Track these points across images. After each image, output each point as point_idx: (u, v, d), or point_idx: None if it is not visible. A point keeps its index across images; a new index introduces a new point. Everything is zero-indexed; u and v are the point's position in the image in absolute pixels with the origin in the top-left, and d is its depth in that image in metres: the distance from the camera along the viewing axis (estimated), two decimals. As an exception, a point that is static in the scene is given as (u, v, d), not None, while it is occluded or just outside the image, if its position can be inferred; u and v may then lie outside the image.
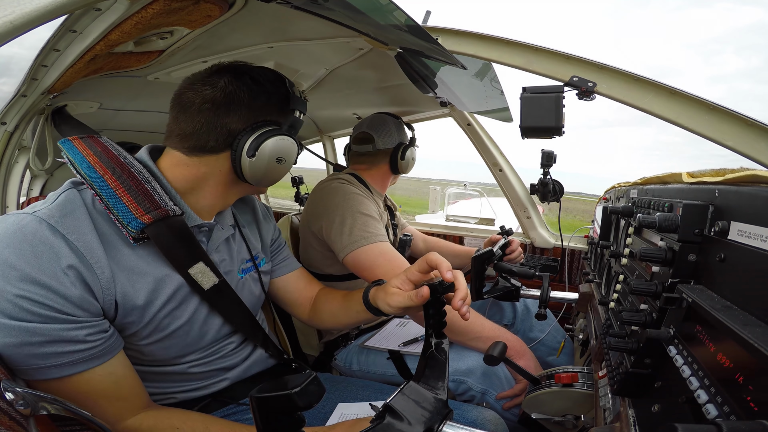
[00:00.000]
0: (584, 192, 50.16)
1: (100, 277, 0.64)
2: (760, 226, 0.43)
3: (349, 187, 1.36)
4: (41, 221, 0.61)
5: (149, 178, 0.72)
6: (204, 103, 0.72)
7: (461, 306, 0.71)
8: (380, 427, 0.56)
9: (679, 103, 0.70)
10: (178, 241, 0.73)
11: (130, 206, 0.67)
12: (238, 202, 0.99)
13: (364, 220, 1.27)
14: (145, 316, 0.71)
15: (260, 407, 0.44)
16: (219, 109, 0.72)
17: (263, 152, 0.73)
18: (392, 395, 0.59)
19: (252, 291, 0.94)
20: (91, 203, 0.68)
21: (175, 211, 0.72)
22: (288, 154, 0.76)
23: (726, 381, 0.40)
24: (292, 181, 2.84)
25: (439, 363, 0.73)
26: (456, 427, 0.62)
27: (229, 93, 0.72)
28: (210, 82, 0.73)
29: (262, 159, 0.73)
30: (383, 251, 1.25)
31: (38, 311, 0.59)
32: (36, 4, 0.51)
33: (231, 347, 0.90)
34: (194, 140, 0.74)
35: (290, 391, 0.43)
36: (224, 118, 0.73)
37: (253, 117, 0.74)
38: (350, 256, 1.25)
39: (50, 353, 0.60)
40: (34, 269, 0.58)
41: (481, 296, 1.26)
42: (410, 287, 0.79)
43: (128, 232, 0.67)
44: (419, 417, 0.58)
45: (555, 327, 1.47)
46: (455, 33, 0.90)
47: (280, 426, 0.44)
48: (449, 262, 0.75)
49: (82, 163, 0.69)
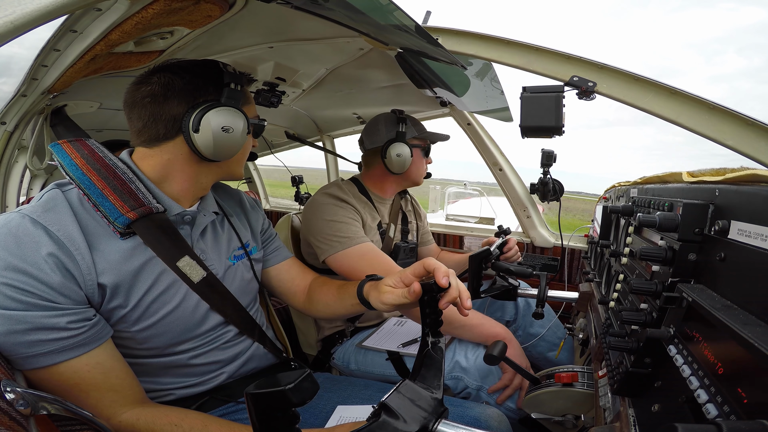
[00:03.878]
0: (584, 191, 50.14)
1: (81, 264, 0.69)
2: (760, 225, 0.43)
3: (326, 198, 1.39)
4: (24, 216, 0.67)
5: (133, 178, 0.77)
6: (144, 98, 0.78)
7: (446, 307, 0.76)
8: (376, 425, 0.57)
9: (679, 102, 0.71)
10: (164, 236, 0.78)
11: (116, 204, 0.73)
12: (224, 193, 1.05)
13: (334, 226, 1.31)
14: (131, 299, 0.75)
15: (255, 403, 0.44)
16: (158, 99, 0.78)
17: (206, 124, 0.78)
18: (388, 393, 0.60)
19: (244, 278, 0.97)
20: (78, 202, 0.74)
21: (158, 209, 0.78)
22: (233, 123, 0.80)
23: (726, 381, 0.40)
24: (292, 181, 2.84)
25: (435, 362, 0.73)
26: (457, 427, 0.62)
27: (164, 84, 0.78)
28: (147, 80, 0.79)
29: (207, 130, 0.78)
30: (363, 253, 1.28)
31: (21, 298, 0.63)
32: (37, 4, 0.51)
33: (227, 338, 0.92)
34: (147, 133, 0.80)
35: (284, 388, 0.44)
36: (165, 106, 0.78)
37: (191, 99, 0.79)
38: (330, 262, 1.30)
39: (34, 341, 0.63)
40: (16, 258, 0.63)
41: (479, 295, 1.27)
42: (403, 287, 0.82)
43: (115, 228, 0.73)
44: (415, 415, 0.59)
45: (555, 323, 1.47)
46: (455, 33, 0.90)
47: (275, 422, 0.45)
48: (448, 269, 0.77)
49: (70, 165, 0.75)
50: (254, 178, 3.25)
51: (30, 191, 1.81)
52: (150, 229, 0.76)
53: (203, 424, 0.73)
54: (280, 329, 1.31)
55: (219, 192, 1.03)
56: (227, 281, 0.91)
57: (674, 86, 0.70)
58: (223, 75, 0.83)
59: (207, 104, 0.79)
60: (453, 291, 0.75)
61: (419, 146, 1.53)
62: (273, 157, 2.70)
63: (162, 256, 0.78)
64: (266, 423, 0.45)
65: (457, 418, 0.92)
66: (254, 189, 3.27)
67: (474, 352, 1.22)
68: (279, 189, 7.16)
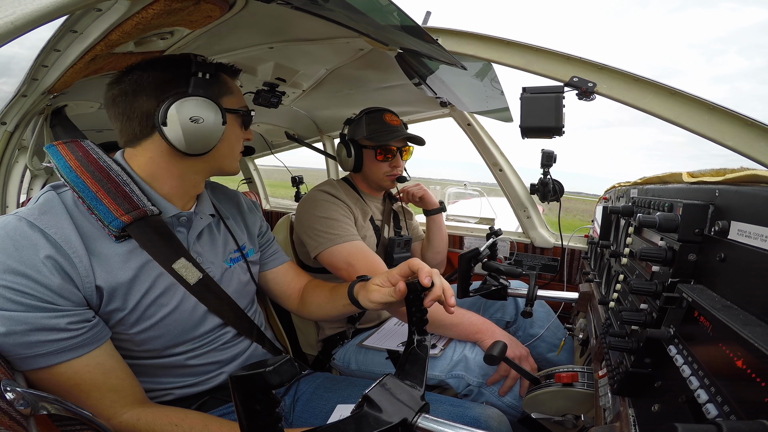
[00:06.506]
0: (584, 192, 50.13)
1: (78, 267, 0.69)
2: (760, 225, 0.43)
3: (319, 194, 1.40)
4: (21, 219, 0.67)
5: (127, 180, 0.77)
6: (116, 97, 0.79)
7: (431, 305, 0.80)
8: (358, 415, 0.60)
9: (679, 103, 0.70)
10: (159, 238, 0.78)
11: (110, 207, 0.73)
12: (222, 195, 1.04)
13: (326, 222, 1.32)
14: (129, 302, 0.75)
15: (237, 385, 0.46)
16: (128, 97, 0.78)
17: (172, 116, 0.76)
18: (371, 386, 0.63)
19: (241, 280, 0.97)
20: (73, 204, 0.74)
21: (153, 211, 0.78)
22: (201, 113, 0.77)
23: (726, 381, 0.40)
24: (292, 181, 2.85)
25: (419, 359, 0.76)
26: (438, 421, 0.63)
27: (134, 81, 0.78)
28: (120, 80, 0.80)
29: (174, 123, 0.76)
30: (352, 251, 1.29)
31: (21, 300, 0.63)
32: (37, 5, 0.51)
33: (225, 339, 0.92)
34: (126, 132, 0.80)
35: (264, 370, 0.46)
36: (135, 103, 0.78)
37: (159, 93, 0.78)
38: (321, 258, 1.32)
39: (35, 342, 0.64)
40: (15, 261, 0.63)
41: (468, 294, 1.28)
42: (390, 286, 0.84)
43: (110, 231, 0.73)
44: (396, 408, 0.61)
45: (555, 324, 1.47)
46: (455, 33, 0.90)
47: (256, 404, 0.47)
48: (431, 268, 0.80)
49: (65, 167, 0.75)
50: (254, 179, 3.25)
51: (30, 191, 1.81)
52: (145, 232, 0.76)
53: (203, 424, 0.73)
54: (280, 329, 1.31)
55: (216, 193, 1.03)
56: (224, 283, 0.91)
57: (674, 86, 0.70)
58: (191, 64, 0.80)
59: (174, 96, 0.77)
60: (437, 290, 0.78)
61: (368, 147, 1.50)
62: (273, 158, 2.70)
63: (157, 259, 0.78)
64: (248, 405, 0.47)
65: (457, 418, 0.93)
66: (254, 189, 3.27)
67: (473, 350, 1.23)
68: (279, 189, 7.16)
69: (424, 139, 1.53)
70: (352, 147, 1.49)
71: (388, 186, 1.58)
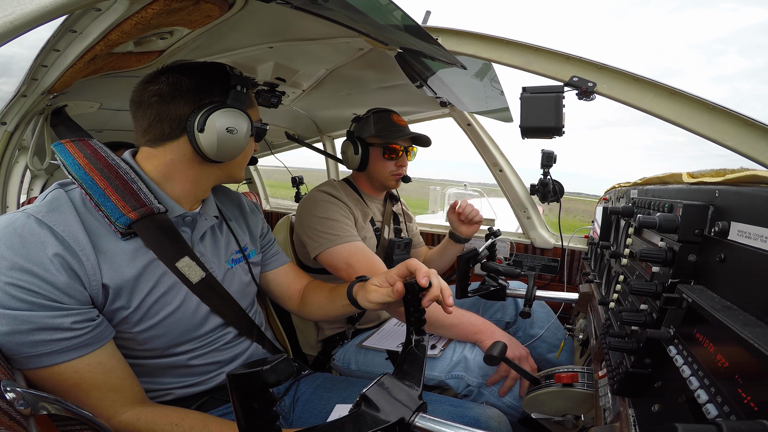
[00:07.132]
0: (584, 192, 50.17)
1: (86, 264, 0.69)
2: (760, 226, 0.43)
3: (320, 195, 1.41)
4: (29, 216, 0.67)
5: (135, 178, 0.78)
6: (151, 97, 0.79)
7: (429, 305, 0.81)
8: (355, 414, 0.60)
9: (679, 103, 0.70)
10: (164, 236, 0.78)
11: (118, 204, 0.74)
12: (224, 197, 1.05)
13: (326, 223, 1.32)
14: (133, 300, 0.75)
15: (235, 383, 0.47)
16: (165, 99, 0.79)
17: (211, 124, 0.78)
18: (368, 385, 0.63)
19: (242, 281, 0.97)
20: (80, 201, 0.74)
21: (160, 209, 0.78)
22: (237, 124, 0.81)
23: (726, 381, 0.40)
24: (293, 181, 2.84)
25: (417, 359, 0.77)
26: (436, 421, 0.63)
27: (172, 84, 0.79)
28: (155, 80, 0.80)
29: (212, 131, 0.78)
30: (352, 252, 1.29)
31: (27, 298, 0.63)
32: (36, 5, 0.51)
33: (226, 339, 0.92)
34: (152, 132, 0.80)
35: (261, 368, 0.46)
36: (171, 106, 0.79)
37: (197, 99, 0.80)
38: (320, 258, 1.32)
39: (38, 341, 0.63)
40: (22, 258, 0.63)
41: (466, 295, 1.28)
42: (388, 286, 0.85)
43: (116, 228, 0.74)
44: (393, 407, 0.62)
45: (555, 324, 1.47)
46: (455, 33, 0.90)
47: (254, 402, 0.47)
48: (429, 269, 0.81)
49: (73, 165, 0.75)
50: (254, 179, 3.25)
51: (30, 191, 1.81)
52: (150, 230, 0.77)
53: (203, 424, 0.73)
54: (280, 329, 1.31)
55: (219, 195, 1.04)
56: (226, 284, 0.91)
57: (674, 86, 0.70)
58: (230, 77, 0.84)
59: (213, 105, 0.79)
60: (434, 290, 0.79)
61: (375, 144, 1.50)
62: (273, 158, 2.70)
63: (162, 257, 0.78)
64: (245, 403, 0.47)
65: (456, 419, 0.93)
66: (254, 190, 3.27)
67: (473, 351, 1.23)
68: (279, 190, 7.16)
69: (431, 138, 1.55)
70: (359, 144, 1.49)
71: (393, 185, 1.59)
